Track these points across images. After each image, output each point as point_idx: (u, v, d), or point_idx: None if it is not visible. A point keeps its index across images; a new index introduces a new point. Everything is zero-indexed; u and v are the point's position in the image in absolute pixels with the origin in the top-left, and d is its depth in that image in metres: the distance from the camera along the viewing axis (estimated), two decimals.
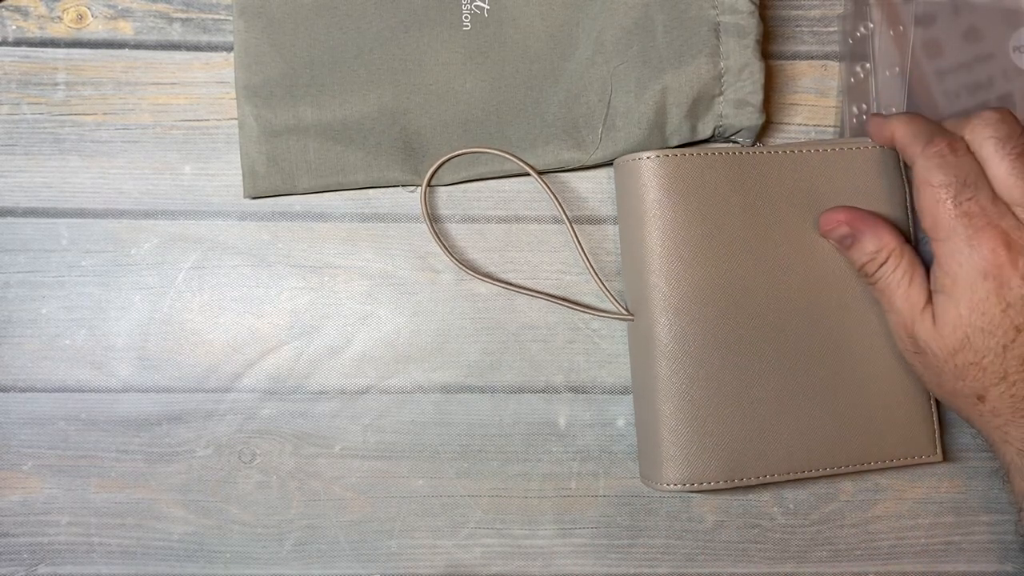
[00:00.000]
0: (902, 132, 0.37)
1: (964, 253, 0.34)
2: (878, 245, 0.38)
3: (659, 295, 0.39)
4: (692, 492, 0.42)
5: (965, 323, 0.35)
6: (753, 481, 0.39)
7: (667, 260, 0.39)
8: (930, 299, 0.36)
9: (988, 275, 0.34)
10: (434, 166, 0.41)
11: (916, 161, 0.36)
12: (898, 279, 0.37)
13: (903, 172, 0.41)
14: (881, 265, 0.38)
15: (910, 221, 0.41)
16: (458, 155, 0.41)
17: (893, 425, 0.41)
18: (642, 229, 0.39)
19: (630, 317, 0.41)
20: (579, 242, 0.42)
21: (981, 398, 0.36)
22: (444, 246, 0.42)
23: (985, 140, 0.35)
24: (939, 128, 0.37)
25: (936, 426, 0.41)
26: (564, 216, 0.41)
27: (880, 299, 0.39)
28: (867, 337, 0.40)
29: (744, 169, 0.40)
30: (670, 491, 0.40)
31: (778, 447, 0.40)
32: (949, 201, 0.35)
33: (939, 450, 0.41)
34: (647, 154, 0.39)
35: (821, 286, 0.40)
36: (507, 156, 0.41)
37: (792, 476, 0.40)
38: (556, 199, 0.41)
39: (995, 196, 0.35)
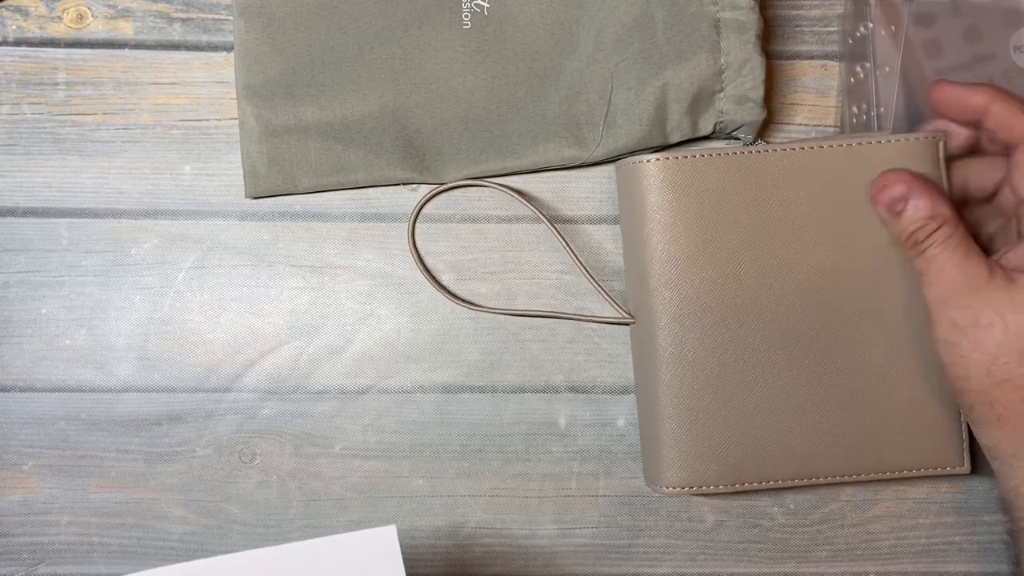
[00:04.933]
0: (1003, 105, 0.35)
1: None
2: (933, 211, 0.35)
3: (659, 299, 0.39)
4: (693, 495, 0.42)
5: None
6: (756, 486, 0.39)
7: (667, 264, 0.39)
8: (994, 272, 0.34)
9: None
10: (420, 201, 0.41)
11: None
12: (952, 247, 0.35)
13: (943, 165, 0.38)
14: (932, 233, 0.35)
15: None
16: (456, 186, 0.42)
17: (914, 433, 0.39)
18: (642, 233, 0.39)
19: (631, 320, 0.41)
20: (575, 254, 0.42)
21: None
22: (438, 282, 0.42)
23: None
24: None
25: (965, 434, 0.39)
26: (561, 239, 0.41)
27: (925, 270, 0.35)
28: (888, 338, 0.39)
29: (750, 169, 0.39)
30: (670, 494, 0.39)
31: (785, 453, 0.39)
32: None
33: (967, 461, 0.39)
34: (647, 157, 0.39)
35: (835, 285, 0.39)
36: (503, 190, 0.41)
37: (800, 483, 0.39)
38: (557, 231, 0.41)
39: None
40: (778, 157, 0.39)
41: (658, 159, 0.39)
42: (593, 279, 0.41)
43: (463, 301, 0.42)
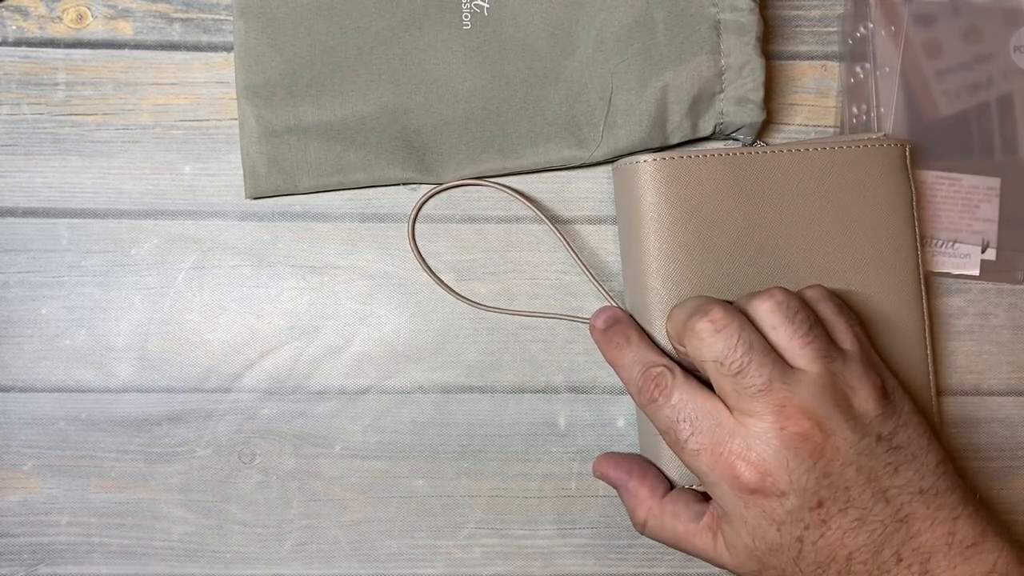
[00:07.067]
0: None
1: (720, 488, 0.34)
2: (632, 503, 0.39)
3: (656, 298, 0.39)
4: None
5: (752, 548, 0.34)
6: None
7: (664, 263, 0.39)
8: (707, 524, 0.36)
9: (748, 503, 0.34)
10: (420, 199, 0.41)
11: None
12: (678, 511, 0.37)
13: (909, 170, 0.40)
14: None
15: (915, 221, 0.40)
16: (455, 186, 0.42)
17: None
18: (639, 232, 0.39)
19: None
20: (576, 254, 0.41)
21: None
22: (439, 279, 0.42)
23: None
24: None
25: (938, 427, 0.40)
26: (562, 238, 0.41)
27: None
28: (877, 338, 0.39)
29: (743, 169, 0.39)
30: None
31: None
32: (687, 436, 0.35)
33: None
34: (644, 157, 0.39)
35: (827, 285, 0.39)
36: (503, 190, 0.41)
37: None
38: (557, 231, 0.41)
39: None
40: (770, 158, 0.39)
41: (654, 159, 0.39)
42: (593, 278, 0.41)
43: (463, 298, 0.42)
